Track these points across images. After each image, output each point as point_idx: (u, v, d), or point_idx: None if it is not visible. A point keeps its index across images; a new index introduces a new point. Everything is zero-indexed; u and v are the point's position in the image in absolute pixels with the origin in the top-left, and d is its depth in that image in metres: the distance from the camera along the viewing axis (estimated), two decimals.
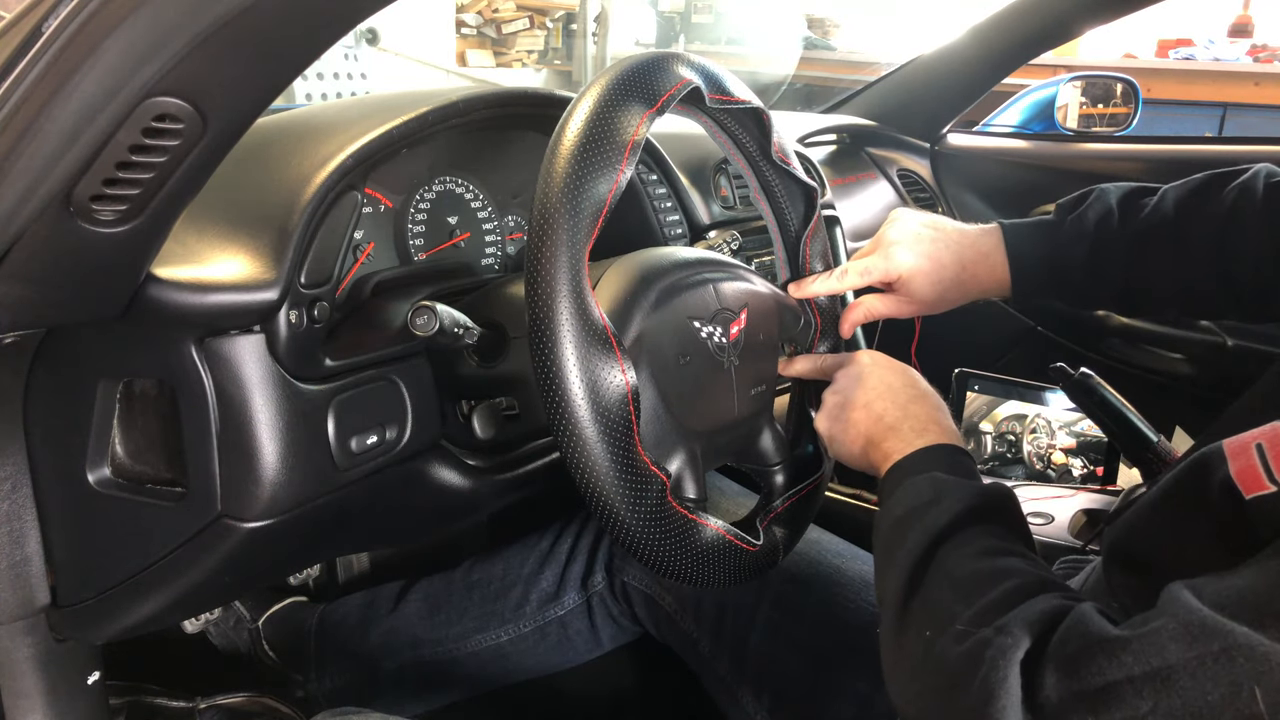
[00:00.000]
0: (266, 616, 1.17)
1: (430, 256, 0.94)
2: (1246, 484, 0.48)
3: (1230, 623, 0.40)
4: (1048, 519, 1.07)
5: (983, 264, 0.87)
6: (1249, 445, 0.49)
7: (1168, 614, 0.42)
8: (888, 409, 0.74)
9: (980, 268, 0.87)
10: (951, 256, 0.86)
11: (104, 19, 0.44)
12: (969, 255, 0.87)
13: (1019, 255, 0.86)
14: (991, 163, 1.82)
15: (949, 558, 0.58)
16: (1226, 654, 0.39)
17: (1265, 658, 0.38)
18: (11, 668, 0.78)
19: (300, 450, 0.69)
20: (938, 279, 0.86)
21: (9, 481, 0.74)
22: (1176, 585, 0.44)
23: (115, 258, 0.56)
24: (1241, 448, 0.50)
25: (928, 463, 0.69)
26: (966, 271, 0.87)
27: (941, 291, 0.86)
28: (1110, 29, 2.25)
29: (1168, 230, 0.82)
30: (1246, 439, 0.50)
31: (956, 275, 0.86)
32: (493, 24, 4.72)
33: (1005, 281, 0.87)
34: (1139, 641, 0.42)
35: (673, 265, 0.74)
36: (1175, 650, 0.41)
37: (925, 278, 0.85)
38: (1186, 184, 0.84)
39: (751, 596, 0.94)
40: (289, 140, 0.77)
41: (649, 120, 0.67)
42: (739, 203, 1.19)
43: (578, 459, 0.61)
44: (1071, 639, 0.45)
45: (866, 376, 0.78)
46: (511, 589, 1.08)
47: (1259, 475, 0.48)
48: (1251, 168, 0.81)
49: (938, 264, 0.86)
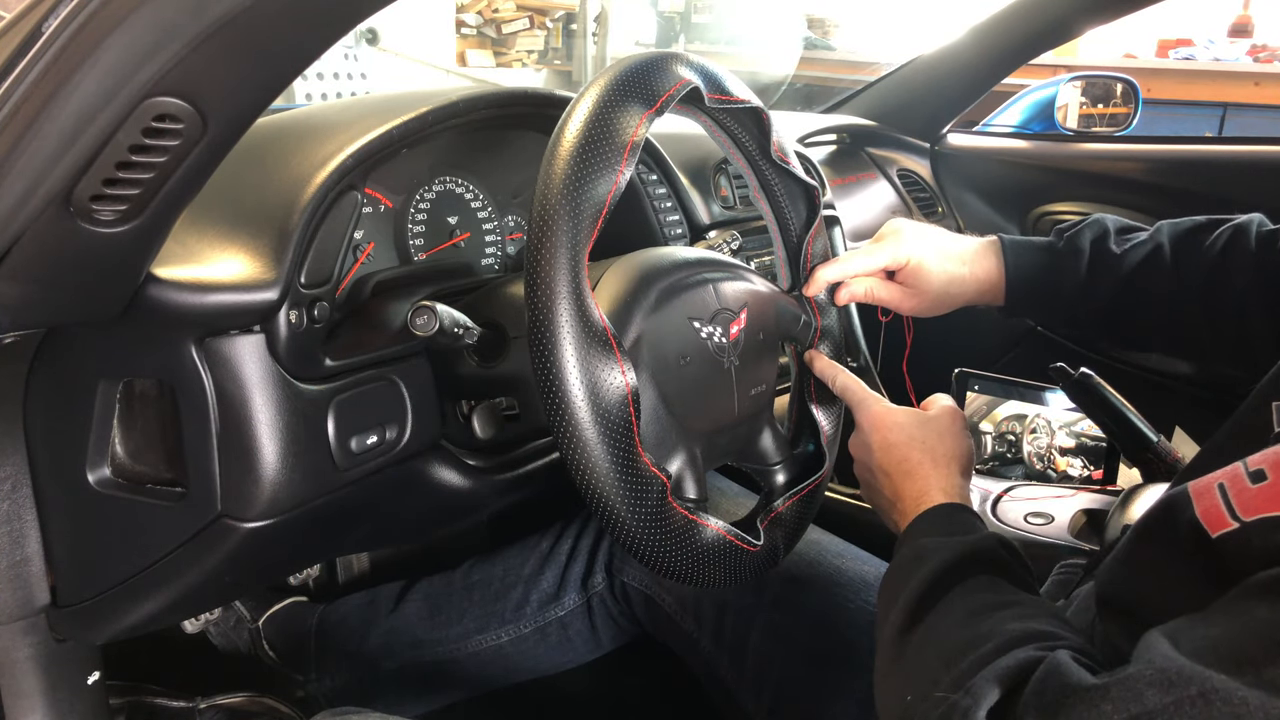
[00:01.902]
0: (266, 616, 1.17)
1: (430, 256, 0.94)
2: (1211, 523, 0.49)
3: (1207, 670, 0.40)
4: (1048, 519, 1.07)
5: (981, 265, 0.89)
6: (1212, 486, 0.51)
7: (1144, 660, 0.43)
8: (894, 469, 0.76)
9: (980, 268, 0.89)
10: (956, 251, 0.89)
11: (104, 19, 0.44)
12: (970, 255, 0.89)
13: (1016, 264, 0.88)
14: (991, 163, 1.82)
15: (935, 623, 0.59)
16: (1204, 698, 0.40)
17: (1243, 701, 0.39)
18: (11, 668, 0.78)
19: (300, 450, 0.69)
20: (942, 269, 0.88)
21: (9, 481, 0.74)
22: (1153, 633, 0.45)
23: (115, 258, 0.56)
24: (1205, 488, 0.51)
25: (921, 528, 0.70)
26: (968, 270, 0.89)
27: (945, 285, 0.88)
28: (1110, 29, 2.24)
29: (1160, 258, 0.84)
30: (1210, 480, 0.51)
31: (958, 272, 0.88)
32: (493, 24, 4.72)
33: (1000, 288, 0.89)
34: (1118, 688, 0.42)
35: (672, 265, 0.74)
36: (1153, 696, 0.41)
37: (932, 266, 0.87)
38: (1183, 221, 0.87)
39: (751, 597, 0.94)
40: (289, 140, 0.77)
41: (648, 120, 0.67)
42: (739, 203, 1.19)
43: (578, 460, 0.61)
44: (1049, 689, 0.46)
45: (874, 432, 0.78)
46: (512, 589, 1.08)
47: (1222, 514, 0.49)
48: (1248, 216, 0.84)
49: (943, 255, 0.88)
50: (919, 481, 0.74)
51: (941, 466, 0.75)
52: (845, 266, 0.88)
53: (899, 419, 0.78)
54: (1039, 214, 1.74)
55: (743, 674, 0.93)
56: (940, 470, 0.75)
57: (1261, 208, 0.88)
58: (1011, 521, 1.08)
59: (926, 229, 0.90)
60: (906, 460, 0.76)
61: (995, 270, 0.89)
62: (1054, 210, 1.72)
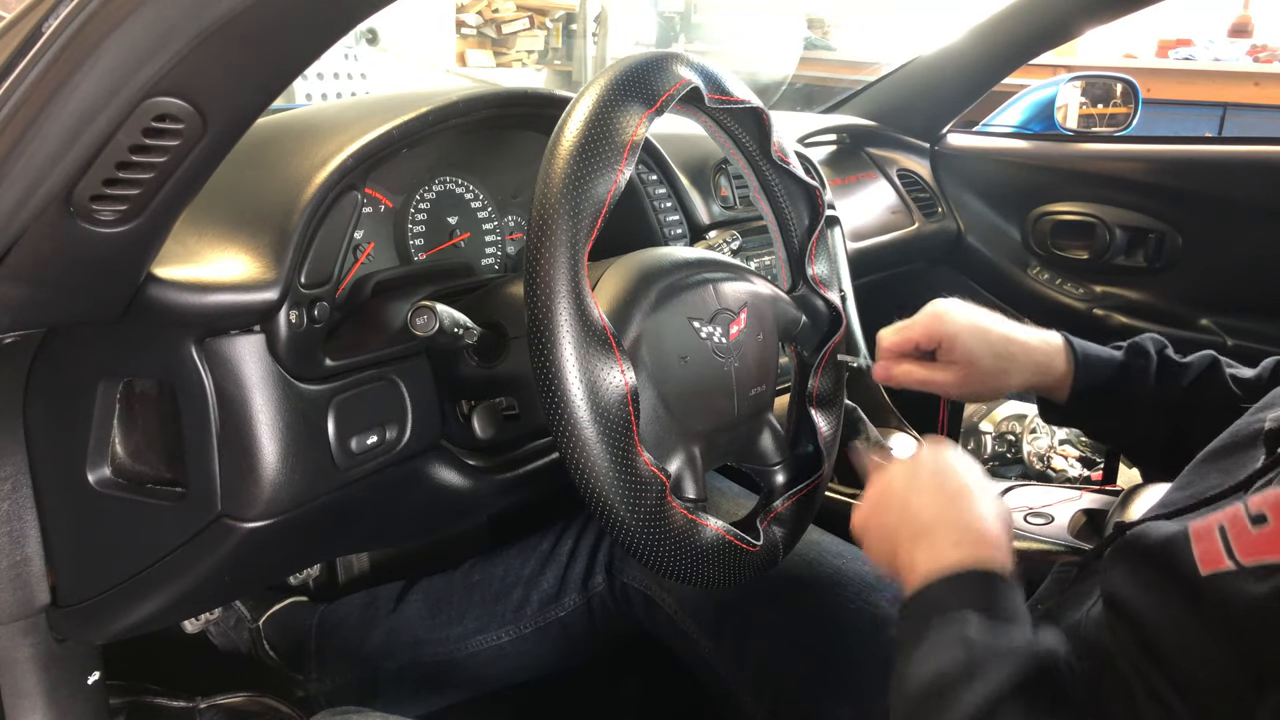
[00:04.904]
0: (266, 616, 1.17)
1: (430, 256, 0.94)
2: (1205, 562, 0.50)
3: None
4: (1048, 519, 1.07)
5: (1041, 354, 0.85)
6: (1213, 529, 0.51)
7: None
8: (925, 505, 0.65)
9: (1040, 356, 0.85)
10: (1007, 334, 0.86)
11: (104, 19, 0.44)
12: (1024, 342, 0.86)
13: (1085, 353, 0.86)
14: (991, 163, 1.82)
15: None
16: None
17: None
18: (11, 668, 0.78)
19: (300, 450, 0.69)
20: (989, 349, 0.84)
21: (9, 481, 0.74)
22: None
23: (115, 258, 0.56)
24: (1206, 530, 0.51)
25: (956, 598, 0.58)
26: (1024, 356, 0.85)
27: (994, 367, 0.84)
28: (1110, 29, 2.24)
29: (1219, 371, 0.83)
30: (1211, 522, 0.51)
31: (1010, 355, 0.85)
32: (493, 24, 4.71)
33: (1062, 383, 0.85)
34: None
35: (672, 265, 0.74)
36: None
37: (976, 345, 0.84)
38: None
39: (751, 597, 0.94)
40: (289, 140, 0.77)
41: (648, 120, 0.67)
42: (739, 203, 1.19)
43: (577, 460, 0.61)
44: None
45: (918, 471, 0.69)
46: (512, 590, 1.08)
47: (1220, 555, 0.49)
48: None
49: (989, 336, 0.85)
50: (955, 524, 0.63)
51: (981, 515, 0.63)
52: (884, 344, 0.86)
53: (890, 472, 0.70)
54: (1039, 214, 1.74)
55: (743, 674, 0.93)
56: (980, 519, 0.63)
57: (1261, 208, 0.87)
58: (1011, 521, 1.08)
59: (972, 309, 0.86)
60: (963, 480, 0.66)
61: (1058, 363, 0.85)
62: (1054, 210, 1.73)
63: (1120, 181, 1.67)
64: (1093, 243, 1.68)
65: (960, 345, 0.84)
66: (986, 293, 1.81)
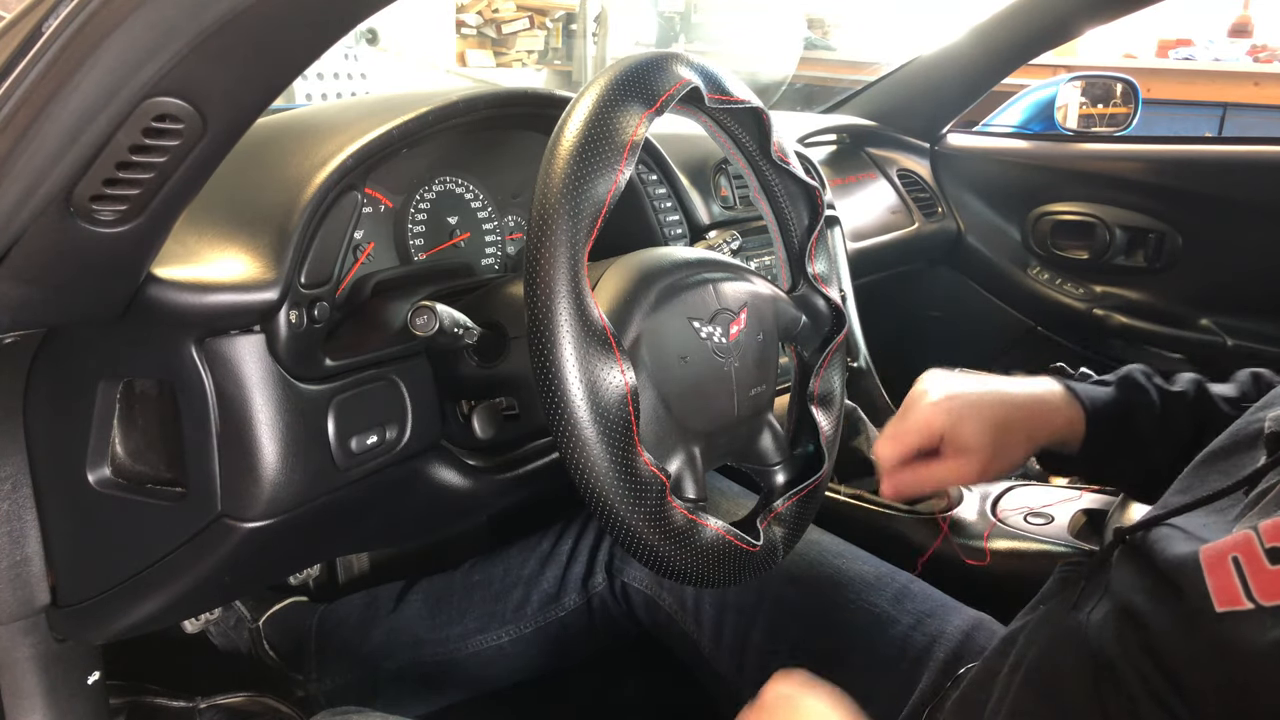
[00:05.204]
0: (266, 616, 1.17)
1: (430, 256, 0.94)
2: (1221, 599, 0.48)
3: None
4: (1048, 519, 1.07)
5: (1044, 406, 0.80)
6: (1225, 559, 0.49)
7: None
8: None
9: (1044, 408, 0.80)
10: (994, 397, 0.79)
11: (104, 19, 0.44)
12: (1014, 390, 0.80)
13: (1092, 400, 0.81)
14: (991, 163, 1.82)
15: None
16: None
17: None
18: (11, 668, 0.78)
19: (300, 450, 0.69)
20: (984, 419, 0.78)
21: (9, 481, 0.74)
22: None
23: (115, 258, 0.56)
24: (1218, 559, 0.50)
25: None
26: (1022, 411, 0.79)
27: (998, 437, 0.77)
28: (1110, 29, 2.24)
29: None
30: (1223, 549, 0.50)
31: (1006, 415, 0.78)
32: (493, 24, 4.71)
33: (1075, 427, 0.80)
34: None
35: (672, 265, 0.74)
36: None
37: (971, 421, 0.77)
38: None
39: (752, 597, 0.94)
40: (289, 140, 0.77)
41: (648, 120, 0.67)
42: (739, 203, 1.19)
43: (577, 460, 0.61)
44: None
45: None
46: (512, 590, 1.08)
47: (1237, 593, 0.48)
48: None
49: (980, 403, 0.79)
50: None
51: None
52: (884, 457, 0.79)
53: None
54: (1039, 214, 1.74)
55: (743, 674, 0.92)
56: None
57: (1262, 208, 0.87)
58: (1011, 522, 1.08)
59: (956, 383, 0.80)
60: None
61: (1063, 408, 0.80)
62: (1054, 210, 1.73)
63: (1120, 181, 1.67)
64: (1093, 243, 1.68)
65: (964, 431, 0.78)
66: (986, 293, 1.82)
